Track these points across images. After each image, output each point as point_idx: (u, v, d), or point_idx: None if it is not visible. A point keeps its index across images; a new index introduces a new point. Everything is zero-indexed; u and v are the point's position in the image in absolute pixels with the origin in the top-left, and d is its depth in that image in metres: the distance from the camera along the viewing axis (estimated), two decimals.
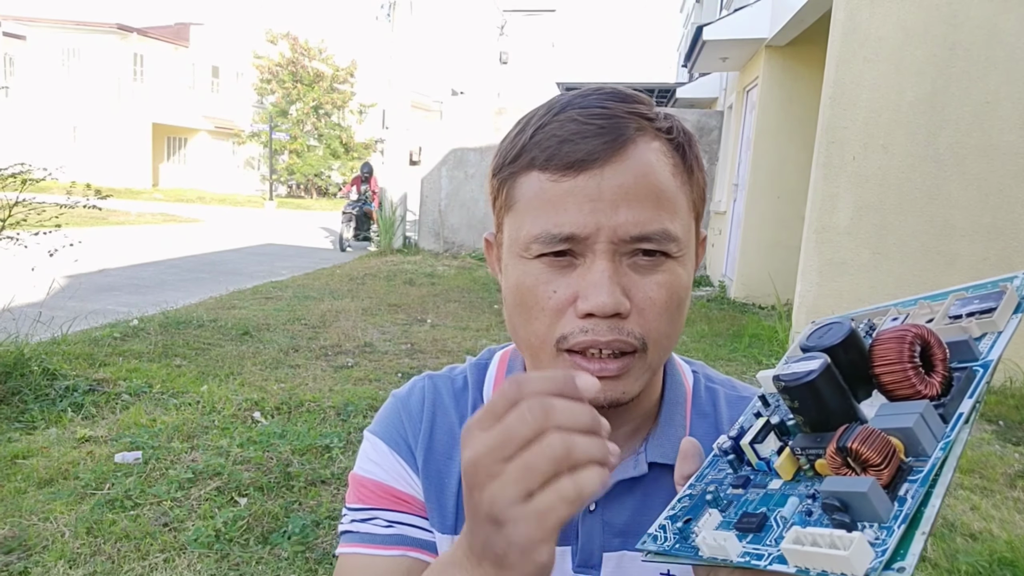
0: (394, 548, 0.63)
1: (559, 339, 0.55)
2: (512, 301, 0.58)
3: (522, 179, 0.56)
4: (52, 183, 4.14)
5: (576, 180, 0.53)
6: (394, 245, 11.47)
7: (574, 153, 0.53)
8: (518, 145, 0.56)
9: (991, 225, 4.72)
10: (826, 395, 0.40)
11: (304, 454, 3.05)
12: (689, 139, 0.58)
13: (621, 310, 0.53)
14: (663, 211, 0.54)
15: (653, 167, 0.54)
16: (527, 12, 26.27)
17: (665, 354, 0.58)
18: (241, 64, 32.14)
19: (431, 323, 6.13)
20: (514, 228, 0.57)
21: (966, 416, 0.37)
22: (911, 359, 0.38)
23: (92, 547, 2.29)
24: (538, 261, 0.55)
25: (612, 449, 0.39)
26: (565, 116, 0.55)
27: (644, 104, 0.57)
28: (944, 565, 2.39)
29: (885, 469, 0.35)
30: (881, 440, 0.36)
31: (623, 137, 0.53)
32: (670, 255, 0.55)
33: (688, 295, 0.58)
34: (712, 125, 10.23)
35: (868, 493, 0.34)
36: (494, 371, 0.70)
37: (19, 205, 3.82)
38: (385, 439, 0.67)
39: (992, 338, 0.41)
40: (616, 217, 0.52)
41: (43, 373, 3.75)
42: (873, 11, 4.80)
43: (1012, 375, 4.68)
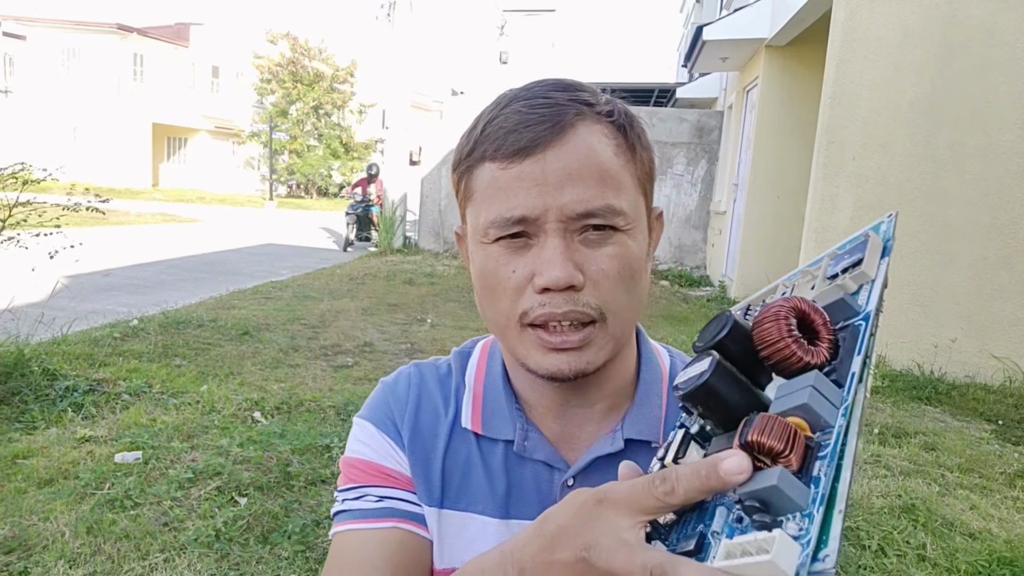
0: (385, 520, 0.66)
1: (521, 315, 0.58)
2: (479, 285, 0.62)
3: (477, 171, 0.60)
4: (52, 183, 4.14)
5: (523, 166, 0.57)
6: (394, 245, 11.47)
7: (519, 141, 0.57)
8: (471, 140, 0.61)
9: (990, 224, 4.72)
10: (724, 392, 0.39)
11: (304, 454, 3.06)
12: (631, 120, 0.62)
13: (574, 282, 0.56)
14: (607, 188, 0.57)
15: (595, 148, 0.58)
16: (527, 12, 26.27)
17: (627, 324, 0.61)
18: (241, 64, 32.13)
19: (431, 323, 6.14)
20: (474, 217, 0.61)
21: (858, 375, 0.36)
22: (790, 333, 0.38)
23: (92, 547, 2.29)
24: (496, 245, 0.59)
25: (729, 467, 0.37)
26: (510, 109, 0.59)
27: (586, 91, 0.61)
28: (943, 564, 2.39)
29: (792, 454, 0.34)
30: (780, 425, 0.35)
31: (563, 122, 0.57)
32: (618, 228, 0.58)
33: (642, 267, 0.61)
34: (712, 125, 10.23)
35: (778, 485, 0.33)
36: (476, 358, 0.73)
37: (19, 205, 3.82)
38: (373, 421, 0.70)
39: (868, 289, 0.41)
40: (562, 197, 0.56)
41: (43, 373, 3.75)
42: (873, 11, 4.80)
43: (1011, 375, 4.68)
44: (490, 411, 0.68)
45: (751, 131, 7.80)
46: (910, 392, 4.52)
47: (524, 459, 0.67)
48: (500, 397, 0.68)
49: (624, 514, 0.39)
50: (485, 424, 0.68)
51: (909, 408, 4.26)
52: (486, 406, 0.69)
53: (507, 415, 0.67)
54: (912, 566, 2.38)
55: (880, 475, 3.12)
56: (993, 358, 4.75)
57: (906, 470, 3.20)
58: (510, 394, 0.68)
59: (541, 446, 0.66)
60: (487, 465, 0.67)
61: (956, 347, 4.80)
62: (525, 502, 0.66)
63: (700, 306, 7.50)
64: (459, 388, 0.71)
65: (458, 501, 0.67)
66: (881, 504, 2.82)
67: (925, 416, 4.12)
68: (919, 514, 2.71)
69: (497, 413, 0.68)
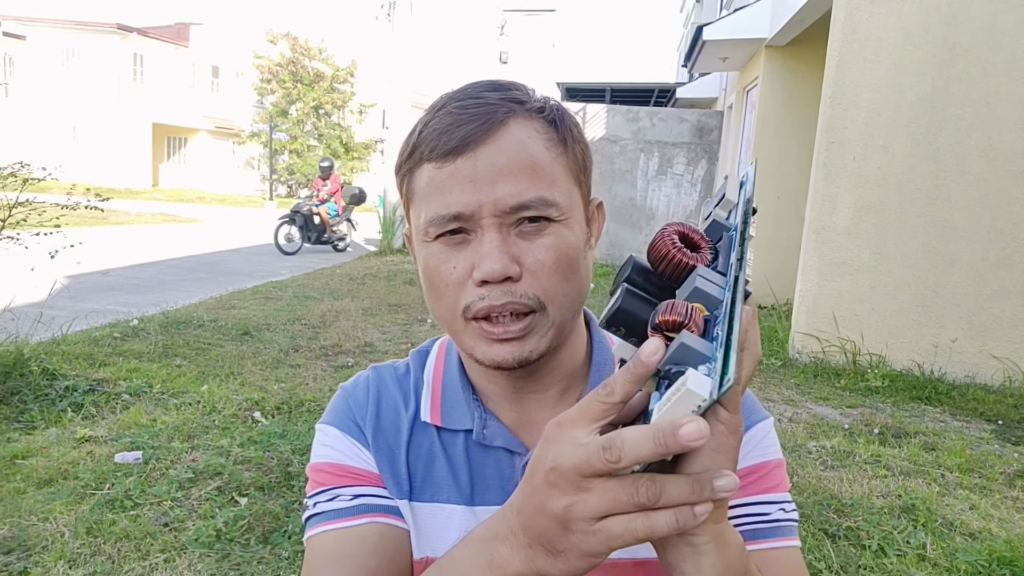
0: (361, 517, 0.66)
1: (464, 308, 0.60)
2: (424, 283, 0.65)
3: (416, 173, 0.62)
4: (52, 183, 4.14)
5: (456, 164, 0.59)
6: (394, 245, 11.47)
7: (451, 141, 0.59)
8: (410, 144, 0.63)
9: (991, 225, 4.72)
10: (637, 311, 0.46)
11: (304, 454, 3.06)
12: (562, 115, 0.64)
13: (511, 274, 0.58)
14: (539, 181, 0.59)
15: (525, 143, 0.60)
16: (527, 12, 26.27)
17: (567, 311, 0.63)
18: (241, 64, 32.12)
19: (431, 323, 6.14)
20: (415, 217, 0.63)
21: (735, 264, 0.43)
22: (674, 245, 0.46)
23: (92, 547, 2.29)
24: (437, 243, 0.61)
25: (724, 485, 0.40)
26: (444, 111, 0.61)
27: (517, 90, 0.63)
28: (943, 564, 2.39)
29: (691, 323, 0.41)
30: (679, 304, 0.42)
31: (494, 120, 0.59)
32: (553, 219, 0.60)
33: (580, 255, 0.63)
34: (712, 125, 10.23)
35: (684, 341, 0.39)
36: (434, 355, 0.76)
37: (19, 205, 3.82)
38: (336, 424, 0.72)
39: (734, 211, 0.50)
40: (494, 192, 0.58)
41: (43, 373, 3.75)
42: (873, 11, 4.80)
43: (1011, 375, 4.68)
44: (449, 404, 0.70)
45: (751, 131, 7.80)
46: (910, 392, 4.52)
47: (485, 447, 0.68)
48: (457, 390, 0.70)
49: (579, 426, 0.42)
50: (444, 416, 0.70)
51: (909, 408, 4.26)
52: (445, 399, 0.71)
53: (465, 406, 0.69)
54: (912, 566, 2.38)
55: (880, 475, 3.12)
56: (993, 358, 4.75)
57: (906, 470, 3.20)
58: (467, 386, 0.70)
59: (500, 433, 0.68)
60: (449, 456, 0.69)
61: (956, 347, 4.80)
62: (489, 488, 0.68)
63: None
64: (418, 384, 0.73)
65: (423, 492, 0.69)
66: (881, 504, 2.82)
67: (925, 416, 4.12)
68: (919, 514, 2.71)
69: (456, 405, 0.70)
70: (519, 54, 29.40)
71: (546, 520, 0.43)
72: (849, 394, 4.47)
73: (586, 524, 0.41)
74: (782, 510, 0.67)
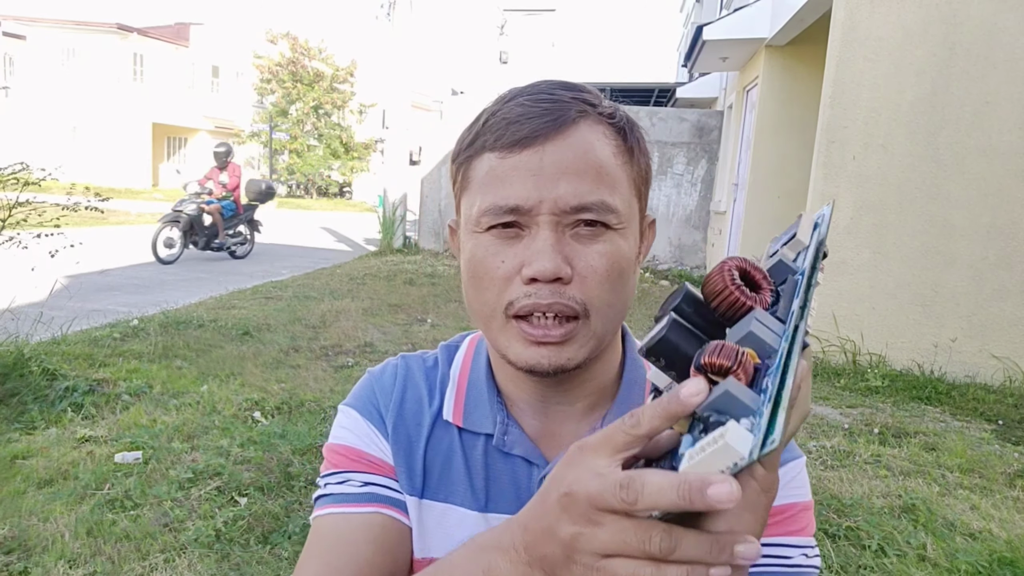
0: (368, 505, 0.66)
1: (507, 305, 0.59)
2: (467, 274, 0.63)
3: (476, 161, 0.61)
4: (52, 183, 4.14)
5: (521, 156, 0.58)
6: (394, 245, 11.47)
7: (519, 132, 0.58)
8: (473, 132, 0.62)
9: (991, 225, 4.72)
10: (682, 344, 0.43)
11: (304, 454, 3.06)
12: (631, 125, 0.63)
13: (562, 275, 0.57)
14: (602, 185, 0.58)
15: (593, 145, 0.59)
16: (527, 12, 26.27)
17: (610, 324, 0.61)
18: (241, 64, 32.12)
19: (431, 323, 6.14)
20: (468, 206, 0.62)
21: (798, 312, 0.40)
22: (733, 282, 0.42)
23: (92, 547, 2.29)
24: (488, 234, 0.60)
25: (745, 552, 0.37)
26: (514, 102, 0.60)
27: (590, 93, 0.62)
28: (944, 564, 2.39)
29: (740, 369, 0.38)
30: (728, 348, 0.38)
31: (565, 118, 0.58)
32: (610, 226, 0.59)
33: (631, 267, 0.62)
34: (712, 125, 10.23)
35: (729, 389, 0.36)
36: (463, 352, 0.74)
37: (19, 205, 3.82)
38: (357, 408, 0.71)
39: (803, 253, 0.46)
40: (557, 189, 0.57)
41: (43, 373, 3.75)
42: (873, 11, 4.80)
43: (1011, 375, 4.68)
44: (472, 404, 0.69)
45: (751, 131, 7.80)
46: (910, 392, 4.52)
47: (504, 454, 0.67)
48: (483, 391, 0.69)
49: (601, 455, 0.40)
50: (466, 417, 0.69)
51: (909, 408, 4.25)
52: (468, 399, 0.69)
53: (488, 409, 0.68)
54: (912, 566, 2.38)
55: (880, 475, 3.12)
56: (993, 358, 4.75)
57: (906, 470, 3.20)
58: (493, 388, 0.69)
59: (520, 441, 0.67)
60: (467, 458, 0.68)
61: (956, 347, 4.80)
62: (503, 496, 0.67)
63: None
64: (444, 380, 0.72)
65: (438, 492, 0.68)
66: (881, 504, 2.82)
67: (925, 416, 4.12)
68: (919, 514, 2.71)
69: (479, 407, 0.69)
70: (519, 54, 29.38)
71: (551, 544, 0.41)
72: (849, 394, 4.46)
73: (591, 559, 0.39)
74: (804, 555, 0.63)
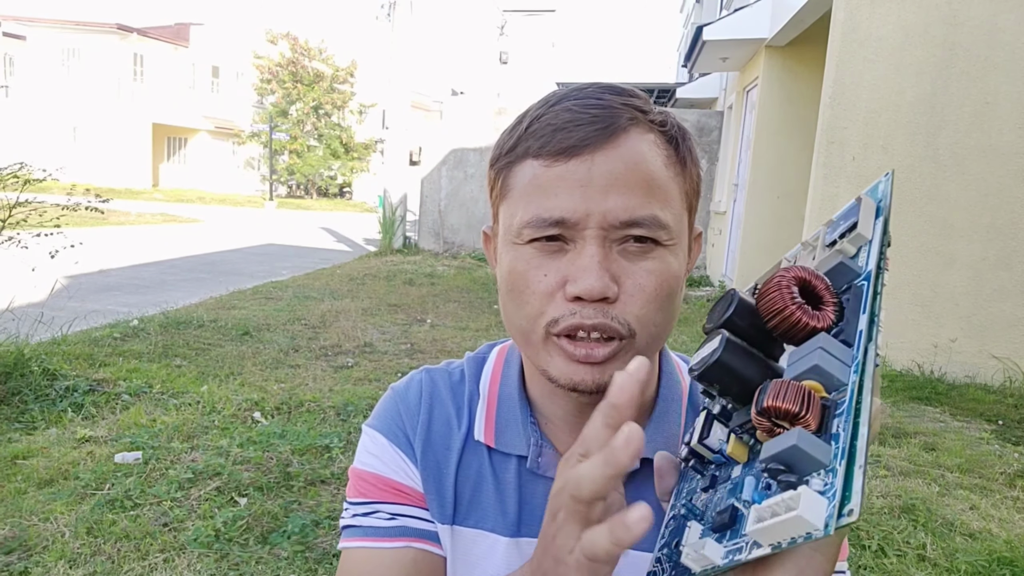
0: (398, 540, 0.64)
1: (549, 323, 0.56)
2: (505, 287, 0.59)
3: (517, 168, 0.57)
4: (52, 183, 4.14)
5: (568, 165, 0.54)
6: (394, 245, 11.47)
7: (566, 140, 0.54)
8: (515, 136, 0.58)
9: (990, 225, 4.72)
10: (738, 367, 0.40)
11: (304, 454, 3.06)
12: (683, 133, 0.59)
13: (608, 294, 0.53)
14: (654, 199, 0.55)
15: (645, 156, 0.55)
16: (527, 12, 26.28)
17: (656, 343, 0.58)
18: (241, 64, 32.13)
19: (431, 323, 6.14)
20: (508, 216, 0.58)
21: (866, 332, 0.37)
22: (792, 300, 0.38)
23: (92, 547, 2.29)
24: (530, 246, 0.56)
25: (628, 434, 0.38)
26: (561, 107, 0.56)
27: (640, 98, 0.58)
28: (943, 564, 2.39)
29: (809, 415, 0.35)
30: (793, 389, 0.36)
31: (615, 126, 0.54)
32: (660, 243, 0.55)
33: (680, 286, 0.58)
34: (712, 125, 10.23)
35: (798, 444, 0.34)
36: (491, 365, 0.70)
37: (19, 206, 3.82)
38: (384, 432, 0.68)
39: (866, 249, 0.41)
40: (606, 203, 0.53)
41: (43, 373, 3.75)
42: (873, 11, 4.80)
43: (1011, 375, 4.68)
44: (504, 423, 0.66)
45: (751, 131, 7.80)
46: (910, 392, 4.52)
47: (537, 476, 0.64)
48: (515, 408, 0.66)
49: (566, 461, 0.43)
50: (498, 438, 0.66)
51: (909, 408, 4.25)
52: (500, 418, 0.66)
53: (521, 429, 0.65)
54: (912, 566, 2.38)
55: (880, 475, 3.12)
56: (993, 358, 4.75)
57: (906, 470, 3.20)
58: (525, 405, 0.66)
59: (555, 463, 0.63)
60: (499, 481, 0.65)
61: (956, 347, 4.80)
62: (536, 521, 0.63)
63: (700, 306, 7.50)
64: (472, 397, 0.69)
65: (468, 517, 0.65)
66: (881, 504, 2.82)
67: (925, 416, 4.12)
68: (919, 514, 2.71)
69: (511, 426, 0.65)
70: (519, 54, 29.37)
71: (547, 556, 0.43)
72: None
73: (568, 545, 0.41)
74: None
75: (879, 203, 0.41)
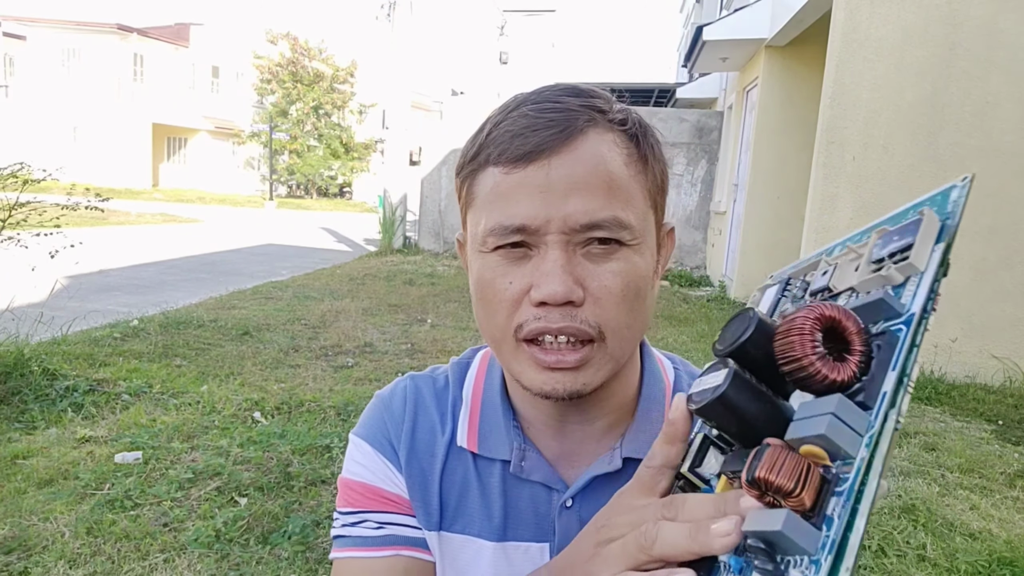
0: (387, 549, 0.64)
1: (516, 328, 0.56)
2: (475, 296, 0.59)
3: (480, 175, 0.57)
4: (52, 183, 4.14)
5: (526, 171, 0.54)
6: (394, 245, 11.47)
7: (524, 145, 0.54)
8: (477, 143, 0.58)
9: (991, 225, 4.72)
10: (742, 407, 0.36)
11: (304, 454, 3.06)
12: (644, 131, 0.59)
13: (573, 298, 0.53)
14: (615, 199, 0.54)
15: (604, 157, 0.55)
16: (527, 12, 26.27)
17: (627, 345, 0.58)
18: (241, 64, 32.13)
19: (431, 323, 6.13)
20: (474, 224, 0.59)
21: (890, 396, 0.31)
22: (814, 350, 0.33)
23: (92, 547, 2.29)
24: (495, 254, 0.56)
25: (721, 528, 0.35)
26: (518, 113, 0.56)
27: (600, 98, 0.58)
28: (943, 564, 2.39)
29: (803, 493, 0.31)
30: (791, 461, 0.32)
31: (572, 128, 0.54)
32: (624, 243, 0.55)
33: (648, 284, 0.58)
34: (712, 125, 10.23)
35: (783, 531, 0.31)
36: (475, 370, 0.71)
37: (19, 206, 3.82)
38: (369, 440, 0.68)
39: (915, 283, 0.34)
40: (566, 207, 0.53)
41: (43, 373, 3.75)
42: (873, 11, 4.80)
43: (1011, 375, 4.68)
44: (487, 429, 0.66)
45: (751, 131, 7.80)
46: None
47: (521, 480, 0.65)
48: (498, 414, 0.66)
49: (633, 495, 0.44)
50: (482, 443, 0.66)
51: (909, 408, 4.24)
52: (483, 424, 0.66)
53: (504, 434, 0.65)
54: (912, 566, 2.38)
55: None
56: (993, 358, 4.74)
57: (906, 470, 3.20)
58: (508, 410, 0.66)
59: (539, 467, 0.64)
60: (484, 486, 0.66)
61: (956, 347, 4.80)
62: (522, 524, 0.64)
63: (700, 306, 7.50)
64: (456, 403, 0.69)
65: (455, 523, 0.66)
66: (881, 504, 2.82)
67: (925, 416, 4.11)
68: (919, 514, 2.71)
69: (494, 431, 0.66)
70: (519, 54, 29.38)
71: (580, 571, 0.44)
72: None
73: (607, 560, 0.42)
74: None
75: (945, 221, 0.34)
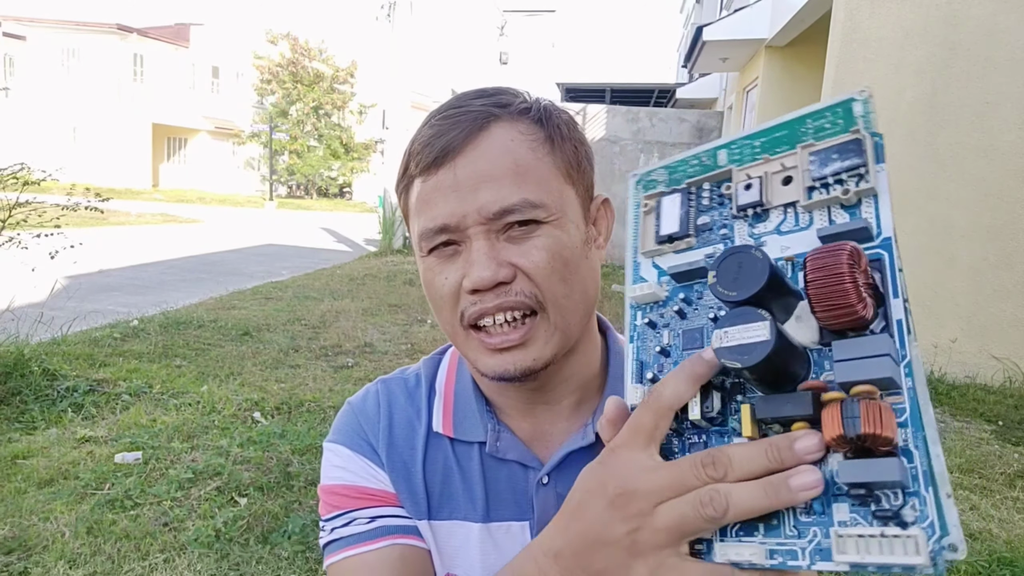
0: (381, 540, 0.65)
1: (460, 318, 0.60)
2: (427, 297, 0.64)
3: (410, 189, 0.62)
4: (52, 183, 4.14)
5: (438, 175, 0.58)
6: (394, 245, 11.47)
7: (432, 152, 0.59)
8: (404, 160, 0.63)
9: (990, 225, 4.72)
10: (784, 357, 0.34)
11: (304, 454, 3.06)
12: (548, 114, 0.62)
13: (500, 278, 0.57)
14: (524, 183, 0.58)
15: (507, 146, 0.58)
16: (527, 12, 26.28)
17: (571, 316, 0.60)
18: (241, 64, 32.13)
19: (431, 323, 6.13)
20: (412, 233, 0.63)
21: (905, 322, 0.32)
22: (860, 298, 0.32)
23: (92, 547, 2.29)
24: (431, 257, 0.61)
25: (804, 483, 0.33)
26: (428, 124, 0.61)
27: (504, 95, 0.62)
28: None
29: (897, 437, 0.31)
30: (887, 415, 0.31)
31: (473, 127, 0.58)
32: (542, 221, 0.58)
33: (578, 255, 0.60)
34: (712, 125, 10.23)
35: (901, 479, 0.31)
36: (447, 363, 0.73)
37: (19, 206, 3.82)
38: (346, 444, 0.69)
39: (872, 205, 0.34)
40: (477, 200, 0.57)
41: (43, 373, 3.75)
42: (873, 11, 4.80)
43: (1011, 375, 4.68)
44: (462, 414, 0.68)
45: None
46: None
47: (499, 460, 0.66)
48: (470, 400, 0.69)
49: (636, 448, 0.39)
50: (457, 427, 0.68)
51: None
52: (457, 409, 0.69)
53: (478, 417, 0.67)
54: None
55: None
56: (993, 358, 4.74)
57: None
58: (480, 396, 0.68)
59: (513, 446, 0.66)
60: (464, 470, 0.67)
61: (956, 347, 4.80)
62: (503, 504, 0.66)
63: None
64: (430, 394, 0.71)
65: (441, 510, 0.67)
66: None
67: None
68: None
69: (468, 416, 0.68)
70: (519, 54, 29.42)
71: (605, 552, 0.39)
72: None
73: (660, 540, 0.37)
74: None
75: (877, 140, 0.35)
